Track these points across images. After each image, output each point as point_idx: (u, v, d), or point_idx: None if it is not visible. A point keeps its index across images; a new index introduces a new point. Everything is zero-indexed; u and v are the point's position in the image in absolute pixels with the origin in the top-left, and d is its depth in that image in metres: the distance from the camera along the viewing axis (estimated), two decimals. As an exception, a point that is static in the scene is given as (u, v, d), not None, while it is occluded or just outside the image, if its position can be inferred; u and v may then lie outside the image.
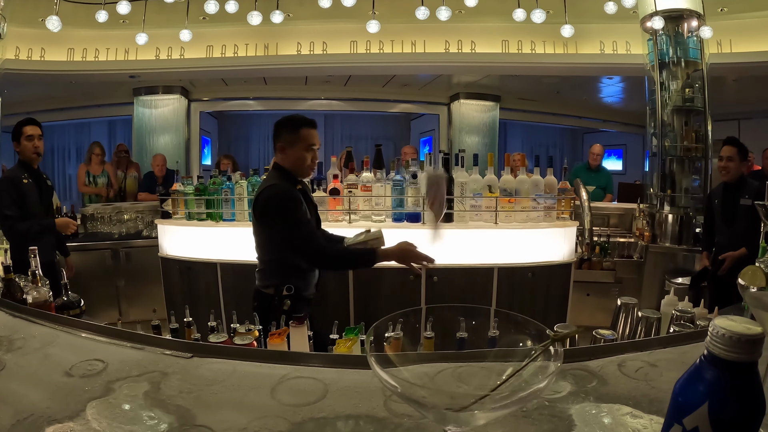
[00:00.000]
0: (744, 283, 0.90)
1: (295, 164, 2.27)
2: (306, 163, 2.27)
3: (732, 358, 0.46)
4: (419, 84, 7.96)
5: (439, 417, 0.55)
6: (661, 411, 0.81)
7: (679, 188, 4.59)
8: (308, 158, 2.26)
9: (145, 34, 4.78)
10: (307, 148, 2.25)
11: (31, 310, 1.38)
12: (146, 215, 5.05)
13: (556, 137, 11.32)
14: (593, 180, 5.54)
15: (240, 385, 0.95)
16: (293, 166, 2.27)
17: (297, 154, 2.24)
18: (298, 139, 2.23)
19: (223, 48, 5.99)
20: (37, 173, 3.28)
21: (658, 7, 4.44)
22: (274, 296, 2.22)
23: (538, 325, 0.64)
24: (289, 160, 2.26)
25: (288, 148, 2.24)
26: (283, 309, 2.14)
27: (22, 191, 3.11)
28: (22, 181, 3.12)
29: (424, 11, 4.31)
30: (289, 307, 2.18)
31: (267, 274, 2.31)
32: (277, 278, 2.25)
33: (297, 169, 2.28)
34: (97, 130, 8.85)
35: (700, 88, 4.56)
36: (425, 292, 3.15)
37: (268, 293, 2.26)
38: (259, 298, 2.30)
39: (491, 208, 3.08)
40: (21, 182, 3.12)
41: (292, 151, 2.24)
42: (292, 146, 2.23)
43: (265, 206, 2.20)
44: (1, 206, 3.06)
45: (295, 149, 2.24)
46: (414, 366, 0.67)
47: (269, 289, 2.27)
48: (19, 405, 0.86)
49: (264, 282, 2.31)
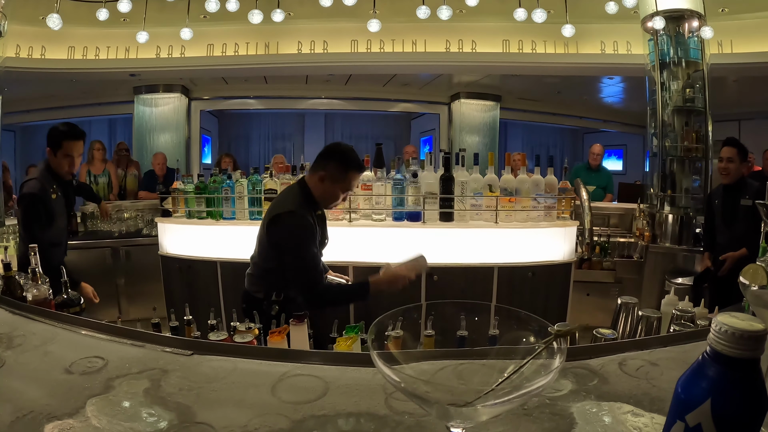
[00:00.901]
0: (745, 281, 0.90)
1: (325, 198, 2.22)
2: (336, 201, 2.24)
3: (735, 354, 0.46)
4: (420, 83, 7.96)
5: (443, 412, 0.55)
6: (661, 410, 0.81)
7: (680, 188, 4.59)
8: (341, 198, 2.23)
9: (146, 32, 4.77)
10: (346, 190, 2.22)
11: (30, 308, 1.38)
12: (146, 213, 5.05)
13: (557, 137, 11.33)
14: (593, 180, 5.54)
15: (240, 382, 0.95)
16: (323, 198, 2.22)
17: (334, 192, 2.20)
18: (344, 179, 2.18)
19: (224, 47, 5.99)
20: (66, 181, 2.90)
21: (659, 8, 4.43)
22: (263, 300, 2.20)
23: (540, 321, 0.64)
24: (323, 192, 2.20)
25: (328, 181, 2.17)
26: (271, 314, 2.14)
27: (50, 209, 2.72)
28: (50, 197, 2.72)
29: (425, 10, 4.31)
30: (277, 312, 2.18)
31: (257, 279, 2.29)
32: (270, 286, 2.23)
33: (324, 202, 2.25)
34: (98, 129, 8.85)
35: (701, 88, 4.55)
36: (425, 292, 3.15)
37: (258, 297, 2.24)
38: (248, 300, 2.29)
39: (491, 208, 3.08)
40: (50, 199, 2.72)
41: (331, 187, 2.18)
42: (333, 183, 2.18)
43: (282, 232, 2.14)
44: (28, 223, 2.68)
45: (335, 187, 2.19)
46: (415, 363, 0.66)
47: (259, 293, 2.26)
48: (19, 402, 0.86)
49: (254, 287, 2.29)
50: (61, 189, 2.81)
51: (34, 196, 2.69)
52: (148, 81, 6.94)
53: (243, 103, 8.43)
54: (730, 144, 3.53)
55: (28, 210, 2.69)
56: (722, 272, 3.35)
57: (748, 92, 6.85)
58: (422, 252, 3.16)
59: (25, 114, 7.52)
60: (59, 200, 2.80)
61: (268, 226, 2.18)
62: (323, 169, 2.18)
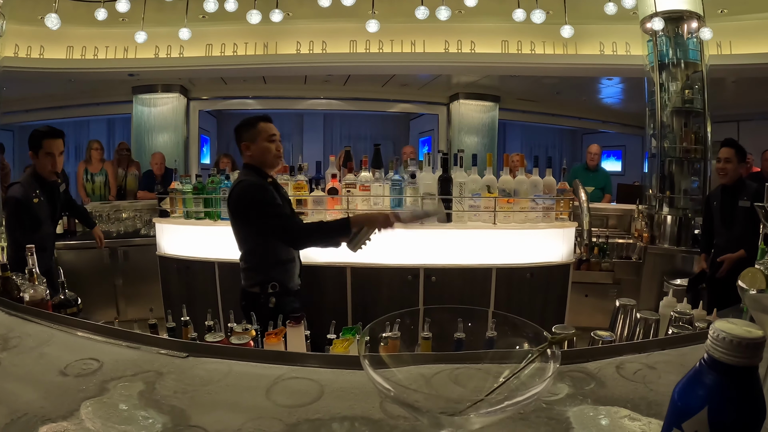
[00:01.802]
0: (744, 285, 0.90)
1: (262, 156, 2.33)
2: (272, 153, 2.34)
3: (732, 362, 0.46)
4: (418, 84, 7.96)
5: (434, 421, 0.54)
6: (659, 414, 0.81)
7: (678, 190, 4.59)
8: (272, 148, 2.33)
9: (145, 32, 4.76)
10: (269, 139, 2.32)
11: (26, 309, 1.37)
12: (144, 214, 5.03)
13: (556, 138, 11.33)
14: (592, 181, 5.54)
15: (235, 385, 0.94)
16: (261, 158, 2.33)
17: (261, 147, 2.32)
18: (258, 132, 2.32)
19: (223, 47, 5.99)
20: (52, 186, 2.96)
21: (658, 9, 4.43)
22: (260, 294, 2.26)
23: (536, 328, 0.63)
24: (256, 154, 2.32)
25: (251, 144, 2.32)
26: (269, 307, 2.17)
27: (34, 214, 2.77)
28: (32, 201, 2.77)
29: (424, 11, 4.30)
30: (275, 304, 2.23)
31: (250, 272, 2.35)
32: (261, 275, 2.30)
33: (265, 161, 2.34)
34: (96, 129, 8.85)
35: (700, 89, 4.55)
36: (423, 292, 3.15)
37: (254, 292, 2.30)
38: (246, 298, 2.33)
39: (490, 209, 3.07)
40: (32, 203, 2.77)
41: (255, 146, 2.32)
42: (254, 141, 2.32)
43: (238, 200, 2.27)
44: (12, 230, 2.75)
45: (258, 143, 2.31)
46: (410, 368, 0.66)
47: (254, 287, 2.30)
48: (13, 404, 0.85)
49: (249, 281, 2.34)
50: (45, 194, 2.87)
51: (17, 200, 2.76)
52: (146, 81, 6.94)
53: (242, 103, 8.43)
54: (728, 144, 3.53)
55: (11, 215, 2.77)
56: (720, 274, 3.35)
57: (747, 93, 6.86)
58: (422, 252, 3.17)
59: (23, 114, 7.51)
60: (42, 205, 2.85)
61: (228, 206, 2.31)
62: (243, 140, 2.34)
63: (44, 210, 2.87)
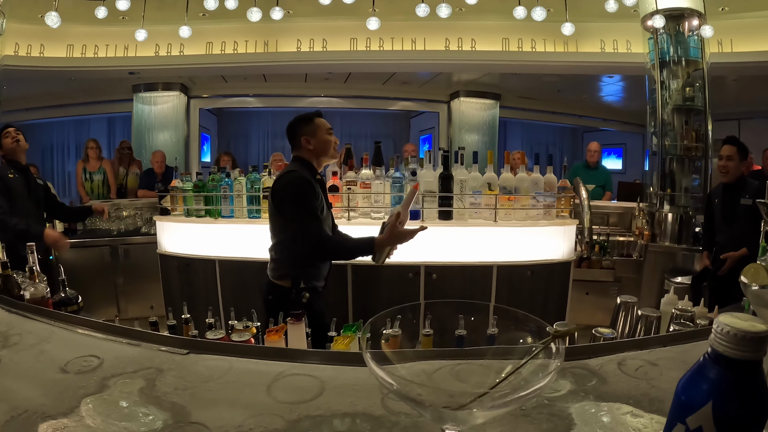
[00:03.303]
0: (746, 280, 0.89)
1: (323, 148, 2.38)
2: (332, 145, 2.40)
3: (737, 356, 0.45)
4: (419, 82, 7.95)
5: (437, 416, 0.54)
6: (661, 410, 0.81)
7: (679, 187, 4.58)
8: (332, 140, 2.40)
9: (145, 30, 4.76)
10: (328, 132, 2.40)
11: (27, 306, 1.37)
12: (145, 212, 5.03)
13: (556, 136, 11.31)
14: (592, 178, 5.53)
15: (236, 382, 0.94)
16: (322, 150, 2.38)
17: (322, 139, 2.37)
18: (317, 126, 2.37)
19: (223, 45, 5.98)
20: (25, 169, 3.31)
21: (659, 6, 4.43)
22: (291, 289, 2.18)
23: (539, 322, 0.63)
24: (317, 147, 2.37)
25: (312, 138, 2.36)
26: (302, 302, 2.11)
27: (8, 185, 3.14)
28: (7, 176, 3.17)
29: (425, 8, 4.30)
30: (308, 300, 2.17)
31: (281, 263, 2.34)
32: (292, 268, 2.29)
33: (325, 152, 2.40)
34: (97, 127, 8.84)
35: (701, 87, 4.54)
36: (424, 290, 3.15)
37: (284, 286, 2.27)
38: (274, 291, 2.29)
39: (491, 206, 3.06)
40: (6, 176, 3.17)
41: (315, 139, 2.36)
42: (314, 135, 2.36)
43: (283, 188, 2.29)
44: None
45: (317, 136, 2.37)
46: (411, 363, 0.66)
47: (284, 280, 2.28)
48: (14, 401, 0.85)
49: (278, 272, 2.33)
50: (19, 172, 3.25)
51: None
52: (147, 79, 6.94)
53: (242, 102, 8.43)
54: (730, 142, 3.52)
55: None
56: (722, 272, 3.34)
57: (747, 91, 6.85)
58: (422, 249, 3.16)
59: (23, 112, 7.50)
60: (18, 179, 3.21)
61: (272, 194, 2.33)
62: (300, 137, 2.37)
63: (20, 184, 3.21)
